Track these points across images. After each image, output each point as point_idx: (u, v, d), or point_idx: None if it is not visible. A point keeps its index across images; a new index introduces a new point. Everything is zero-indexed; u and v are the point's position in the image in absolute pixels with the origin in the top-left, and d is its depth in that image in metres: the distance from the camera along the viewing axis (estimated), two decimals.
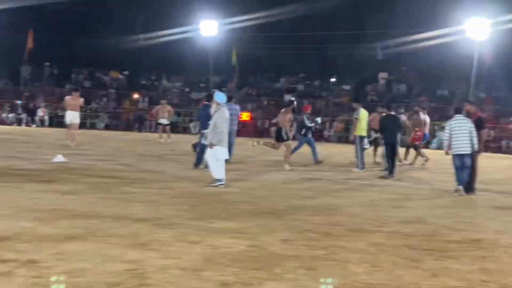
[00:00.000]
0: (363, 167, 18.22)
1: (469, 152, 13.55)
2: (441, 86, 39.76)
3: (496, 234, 8.97)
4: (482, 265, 7.06)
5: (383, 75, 41.66)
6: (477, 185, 14.21)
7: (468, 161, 13.58)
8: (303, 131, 19.72)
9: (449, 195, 13.52)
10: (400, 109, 21.72)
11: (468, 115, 14.02)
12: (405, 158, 20.61)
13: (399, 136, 17.01)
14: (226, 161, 13.67)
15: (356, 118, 18.66)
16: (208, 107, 16.09)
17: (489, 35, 33.46)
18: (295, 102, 18.91)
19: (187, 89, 44.57)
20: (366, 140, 18.77)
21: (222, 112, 13.23)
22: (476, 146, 13.52)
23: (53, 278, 5.67)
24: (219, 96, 13.51)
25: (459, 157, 13.65)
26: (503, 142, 32.88)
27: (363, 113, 18.77)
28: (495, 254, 7.65)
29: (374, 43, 40.61)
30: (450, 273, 6.68)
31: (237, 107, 19.29)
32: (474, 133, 13.51)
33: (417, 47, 37.08)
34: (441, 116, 32.90)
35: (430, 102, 37.13)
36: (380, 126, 17.40)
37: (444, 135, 14.17)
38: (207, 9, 38.92)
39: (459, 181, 13.63)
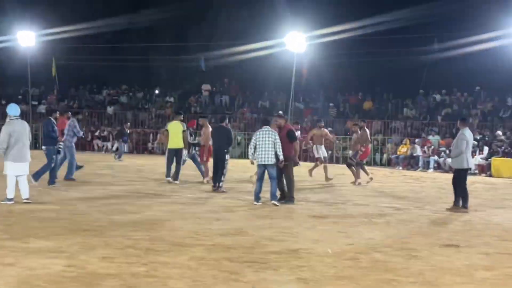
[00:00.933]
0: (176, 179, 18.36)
1: (272, 163, 13.94)
2: (262, 98, 40.77)
3: (313, 243, 9.31)
4: (299, 275, 7.30)
5: (206, 86, 42.06)
6: (295, 194, 14.72)
7: (273, 172, 13.96)
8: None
9: (270, 205, 13.87)
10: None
11: (279, 128, 14.44)
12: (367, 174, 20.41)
13: (230, 149, 16.91)
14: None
15: (167, 130, 18.68)
16: (49, 122, 15.67)
17: (305, 48, 34.91)
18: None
19: (3, 102, 42.60)
20: (185, 152, 18.67)
21: (12, 126, 12.75)
22: (281, 157, 13.95)
23: None
24: (11, 109, 13.02)
25: (262, 167, 14.06)
26: None
27: (174, 126, 18.70)
28: (312, 264, 7.93)
29: (197, 54, 40.93)
30: (269, 284, 6.85)
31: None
32: (279, 144, 13.90)
33: (239, 59, 37.84)
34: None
35: (251, 113, 38.00)
36: (212, 138, 17.32)
37: (250, 146, 14.48)
38: (25, 19, 37.57)
39: (257, 192, 14.04)
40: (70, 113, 20.52)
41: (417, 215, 13.15)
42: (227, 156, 16.66)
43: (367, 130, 21.36)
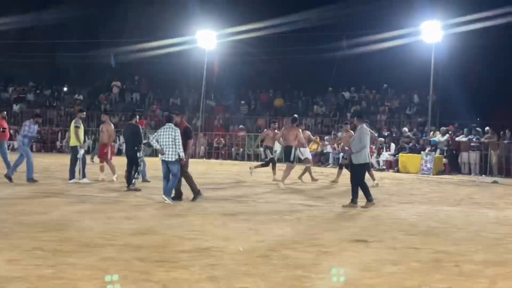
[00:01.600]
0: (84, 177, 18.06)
1: (173, 160, 13.86)
2: (173, 95, 40.53)
3: (224, 241, 9.31)
4: (211, 273, 7.28)
5: (116, 83, 41.49)
6: (204, 192, 14.72)
7: (173, 168, 13.88)
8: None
9: (181, 204, 13.81)
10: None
11: (176, 125, 14.37)
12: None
13: (141, 146, 16.67)
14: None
15: (77, 127, 18.16)
16: None
17: (216, 45, 34.99)
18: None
19: None
20: (82, 151, 18.12)
21: None
22: (182, 154, 13.91)
23: None
24: None
25: (164, 164, 14.00)
26: (233, 149, 34.35)
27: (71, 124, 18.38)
28: (223, 262, 7.93)
29: (107, 51, 40.26)
30: (180, 283, 6.80)
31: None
32: (179, 141, 13.85)
33: (150, 56, 37.46)
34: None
35: (162, 111, 37.73)
36: (123, 137, 17.09)
37: (150, 139, 14.39)
38: None
39: (164, 188, 14.00)
40: (5, 112, 20.21)
41: (328, 211, 13.35)
42: (139, 154, 16.49)
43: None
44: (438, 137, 28.29)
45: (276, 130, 20.94)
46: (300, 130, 19.73)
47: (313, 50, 35.52)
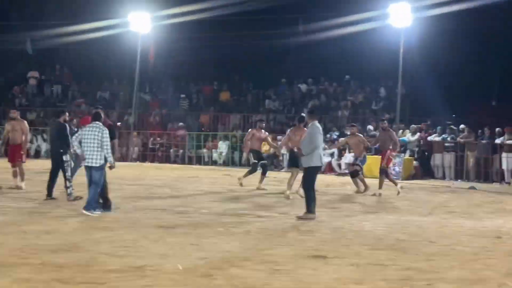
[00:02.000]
0: None
1: (97, 165, 13.74)
2: (101, 88, 40.22)
3: (161, 258, 9.27)
4: None
5: (33, 74, 40.98)
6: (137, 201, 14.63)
7: (96, 175, 13.73)
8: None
9: (110, 215, 13.72)
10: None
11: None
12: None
13: (68, 150, 16.42)
14: None
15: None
16: None
17: (152, 29, 34.77)
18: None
19: None
20: None
21: None
22: (110, 159, 13.77)
23: None
24: None
25: (88, 169, 13.88)
26: (172, 151, 34.22)
27: None
28: (159, 282, 7.90)
29: (23, 35, 39.65)
30: None
31: None
32: (106, 144, 13.69)
33: (73, 41, 36.99)
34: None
35: (89, 105, 37.31)
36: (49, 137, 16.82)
37: (74, 144, 14.21)
38: None
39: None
40: None
41: (281, 222, 13.40)
42: (66, 157, 16.12)
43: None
44: (408, 137, 28.66)
45: (263, 131, 21.12)
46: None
47: (264, 35, 35.55)
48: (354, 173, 20.56)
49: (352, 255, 9.94)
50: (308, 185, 14.09)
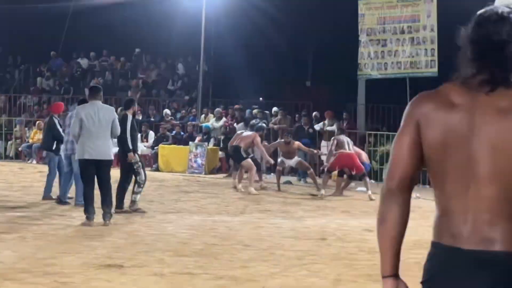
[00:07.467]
0: None
1: None
2: None
3: None
4: None
5: None
6: None
7: None
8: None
9: None
10: None
11: None
12: None
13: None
14: None
15: None
16: None
17: None
18: None
19: None
20: None
21: None
22: None
23: None
24: None
25: None
26: None
27: None
28: None
29: None
30: None
31: None
32: None
33: None
34: None
35: None
36: None
37: None
38: None
39: None
40: None
41: (64, 226, 13.28)
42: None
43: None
44: (212, 122, 28.96)
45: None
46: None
47: None
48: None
49: (153, 263, 9.99)
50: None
